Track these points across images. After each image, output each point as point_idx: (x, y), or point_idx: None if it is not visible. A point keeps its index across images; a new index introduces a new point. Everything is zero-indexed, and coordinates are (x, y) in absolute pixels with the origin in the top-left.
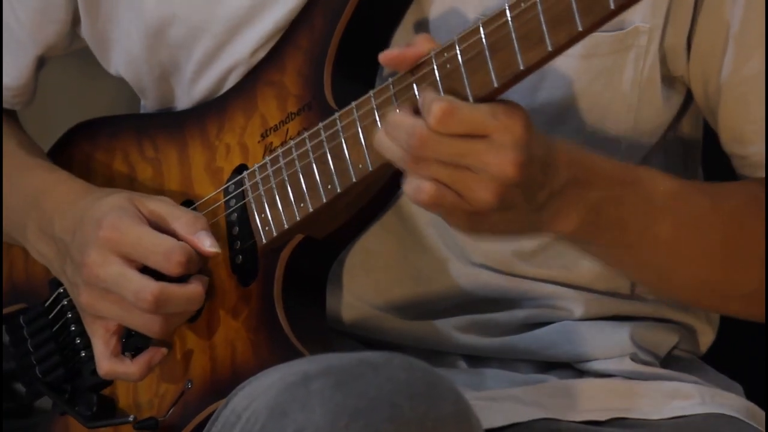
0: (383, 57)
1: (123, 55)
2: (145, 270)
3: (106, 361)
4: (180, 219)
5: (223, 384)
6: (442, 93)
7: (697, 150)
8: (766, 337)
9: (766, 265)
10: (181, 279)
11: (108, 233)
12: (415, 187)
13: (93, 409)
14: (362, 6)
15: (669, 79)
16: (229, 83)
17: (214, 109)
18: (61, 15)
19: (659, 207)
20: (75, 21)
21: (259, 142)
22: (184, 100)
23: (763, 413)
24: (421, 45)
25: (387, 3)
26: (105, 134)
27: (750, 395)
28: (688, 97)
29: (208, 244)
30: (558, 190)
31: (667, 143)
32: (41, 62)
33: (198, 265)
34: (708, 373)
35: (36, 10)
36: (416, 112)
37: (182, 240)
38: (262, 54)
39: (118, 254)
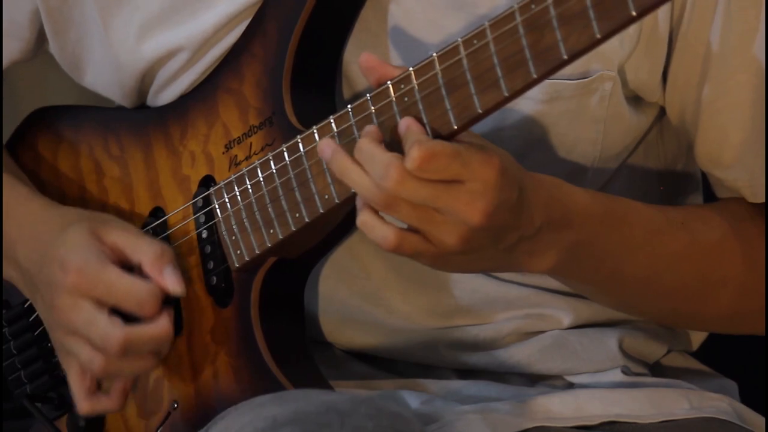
0: (364, 57)
1: (95, 76)
2: None
3: (84, 401)
4: (146, 254)
5: (208, 408)
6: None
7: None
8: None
9: (766, 274)
10: None
11: (75, 278)
12: (379, 235)
13: (82, 424)
14: (315, 15)
15: (636, 102)
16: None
17: (176, 111)
18: (24, 34)
19: (636, 243)
20: (40, 39)
21: (223, 153)
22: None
23: (753, 413)
24: (398, 71)
25: (338, 12)
26: (69, 126)
27: (745, 392)
28: (658, 115)
29: (174, 284)
30: (531, 232)
31: (641, 154)
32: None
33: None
34: (701, 371)
35: None
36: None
37: (148, 274)
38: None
39: (89, 298)
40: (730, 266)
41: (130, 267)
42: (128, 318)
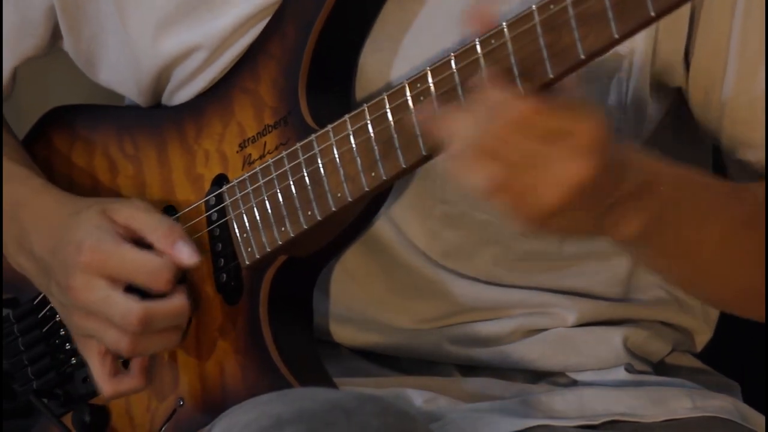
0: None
1: (110, 73)
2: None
3: (107, 384)
4: (156, 231)
5: (214, 405)
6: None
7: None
8: (764, 335)
9: (767, 264)
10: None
11: (89, 257)
12: (486, 173)
13: (87, 420)
14: (333, 17)
15: (654, 89)
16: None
17: (191, 110)
18: (39, 31)
19: (712, 208)
20: (55, 35)
21: (237, 152)
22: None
23: (755, 413)
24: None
25: (357, 13)
26: (84, 125)
27: (748, 393)
28: (671, 106)
29: (187, 255)
30: (625, 195)
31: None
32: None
33: (181, 271)
34: (704, 372)
35: (13, 24)
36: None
37: (160, 250)
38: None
39: (103, 276)
40: None
41: (145, 246)
42: (144, 297)
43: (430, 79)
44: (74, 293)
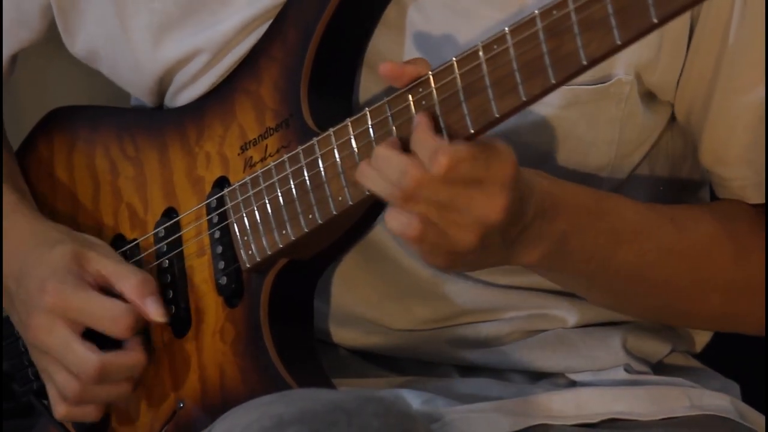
0: (383, 68)
1: (111, 74)
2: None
3: (61, 405)
4: (129, 281)
5: (214, 407)
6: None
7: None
8: (764, 336)
9: (766, 285)
10: None
11: (52, 299)
12: (400, 223)
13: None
14: (335, 21)
15: (649, 100)
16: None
17: (192, 112)
18: (35, 25)
19: (625, 237)
20: (51, 30)
21: (239, 154)
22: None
23: (754, 412)
24: (420, 66)
25: (358, 16)
26: (85, 125)
27: (747, 394)
28: (670, 116)
29: (155, 312)
30: (528, 224)
31: (650, 156)
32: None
33: (144, 322)
34: (703, 372)
35: (9, 17)
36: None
37: (130, 302)
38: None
39: (64, 319)
40: (720, 265)
41: (112, 295)
42: (102, 345)
43: (432, 84)
44: (34, 333)
